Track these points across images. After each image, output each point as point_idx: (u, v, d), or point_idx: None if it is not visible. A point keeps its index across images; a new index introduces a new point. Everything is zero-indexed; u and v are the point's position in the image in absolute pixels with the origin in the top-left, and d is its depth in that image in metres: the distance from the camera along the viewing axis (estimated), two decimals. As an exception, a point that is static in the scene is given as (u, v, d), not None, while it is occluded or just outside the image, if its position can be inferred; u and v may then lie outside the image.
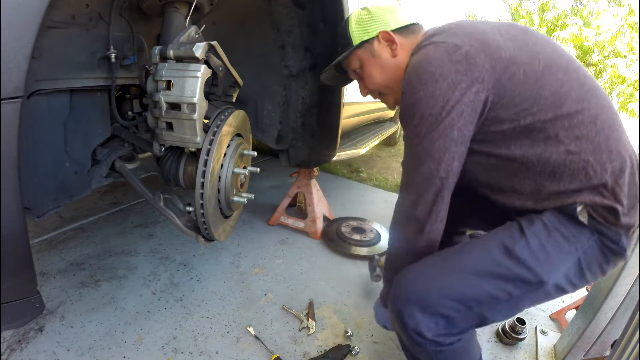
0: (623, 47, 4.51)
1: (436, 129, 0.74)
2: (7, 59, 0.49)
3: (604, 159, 0.70)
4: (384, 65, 0.94)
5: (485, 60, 0.73)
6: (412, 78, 0.77)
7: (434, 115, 0.74)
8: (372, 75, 0.97)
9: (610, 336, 1.11)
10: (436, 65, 0.73)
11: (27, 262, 0.64)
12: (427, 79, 0.73)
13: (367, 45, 0.95)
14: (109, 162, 1.03)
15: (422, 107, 0.75)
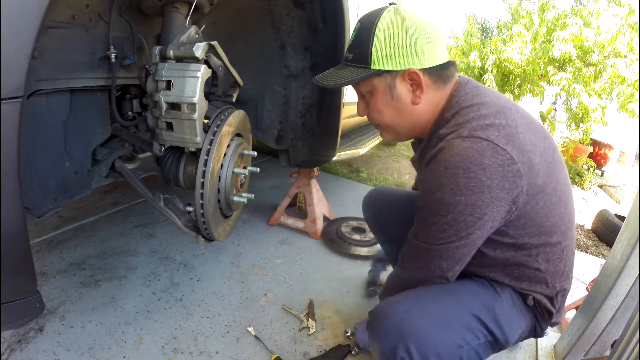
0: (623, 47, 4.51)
1: (465, 237, 0.73)
2: (7, 59, 0.49)
3: (558, 280, 0.86)
4: (398, 108, 0.82)
5: (525, 184, 0.72)
6: (459, 176, 0.69)
7: (468, 224, 0.72)
8: (381, 112, 0.85)
9: (610, 336, 1.11)
10: (488, 175, 0.68)
11: (27, 262, 0.64)
12: (475, 187, 0.68)
13: (387, 76, 0.79)
14: (109, 162, 1.03)
15: (458, 212, 0.71)
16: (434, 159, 0.75)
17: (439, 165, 0.72)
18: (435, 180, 0.72)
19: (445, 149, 0.72)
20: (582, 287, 1.81)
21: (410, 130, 0.87)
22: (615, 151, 6.04)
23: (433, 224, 0.75)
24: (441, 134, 0.77)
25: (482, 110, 0.75)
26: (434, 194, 0.73)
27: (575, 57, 4.74)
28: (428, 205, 0.76)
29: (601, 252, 2.54)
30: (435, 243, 0.76)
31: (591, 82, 4.69)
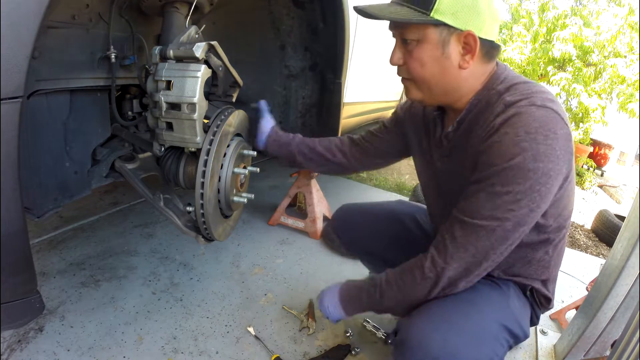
0: (623, 47, 4.51)
1: (535, 210, 0.70)
2: (7, 59, 0.49)
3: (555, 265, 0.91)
4: (444, 66, 0.76)
5: (571, 162, 0.73)
6: (540, 142, 0.67)
7: (541, 195, 0.69)
8: (424, 65, 0.77)
9: (610, 336, 1.11)
10: (559, 146, 0.67)
11: (27, 262, 0.64)
12: (550, 155, 0.67)
13: (444, 29, 0.73)
14: (109, 162, 1.03)
15: (535, 180, 0.67)
16: (506, 124, 0.70)
17: (518, 130, 0.68)
18: (515, 145, 0.67)
19: (522, 114, 0.69)
20: (582, 287, 1.81)
21: (444, 94, 0.81)
22: (615, 151, 6.04)
23: (506, 193, 0.68)
24: (508, 100, 0.73)
25: (540, 87, 0.75)
26: (512, 160, 0.67)
27: (575, 57, 4.74)
28: (502, 173, 0.69)
29: (601, 252, 2.54)
30: (506, 218, 0.69)
31: (591, 82, 4.70)
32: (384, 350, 1.24)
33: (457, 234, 0.74)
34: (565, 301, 1.66)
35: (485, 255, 0.73)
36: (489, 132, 0.73)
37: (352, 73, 1.63)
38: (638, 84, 4.21)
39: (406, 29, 0.76)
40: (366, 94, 2.10)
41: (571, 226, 2.98)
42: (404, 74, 0.83)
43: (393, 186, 3.05)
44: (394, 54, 0.81)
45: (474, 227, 0.72)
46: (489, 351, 0.74)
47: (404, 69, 0.81)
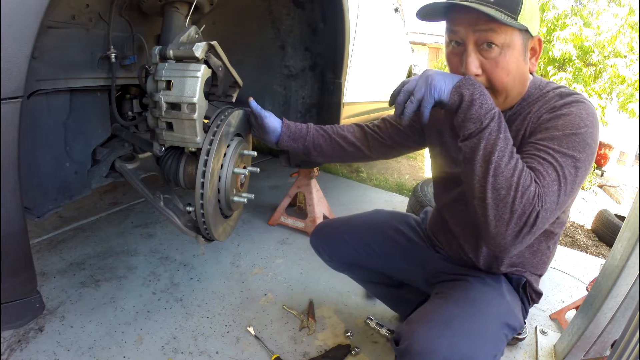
0: (623, 47, 4.51)
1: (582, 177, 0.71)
2: (7, 59, 0.49)
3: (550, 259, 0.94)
4: (523, 72, 0.77)
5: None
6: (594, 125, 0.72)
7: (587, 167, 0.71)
8: (509, 72, 0.74)
9: (610, 336, 1.11)
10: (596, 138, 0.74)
11: (27, 262, 0.63)
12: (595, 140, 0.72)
13: (525, 35, 0.73)
14: (109, 162, 1.03)
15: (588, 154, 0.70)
16: (570, 105, 0.74)
17: (582, 111, 0.72)
18: (581, 120, 0.71)
19: (581, 102, 0.74)
20: (582, 287, 1.81)
21: (513, 98, 0.80)
22: (615, 151, 6.04)
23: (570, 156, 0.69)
24: (563, 91, 0.78)
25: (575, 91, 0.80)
26: (579, 129, 0.70)
27: (575, 57, 4.74)
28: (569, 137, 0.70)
29: (601, 252, 2.54)
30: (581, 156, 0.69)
31: (591, 82, 4.70)
32: (384, 350, 1.24)
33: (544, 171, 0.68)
34: (565, 301, 1.66)
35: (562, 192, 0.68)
36: (552, 110, 0.75)
37: (352, 73, 1.63)
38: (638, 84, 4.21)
39: (496, 32, 0.71)
40: (366, 94, 2.10)
41: (571, 226, 2.98)
42: (489, 81, 0.76)
43: (393, 186, 3.05)
44: (470, 62, 0.73)
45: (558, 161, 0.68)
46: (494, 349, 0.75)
47: (483, 78, 0.76)
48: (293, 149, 1.10)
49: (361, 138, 1.09)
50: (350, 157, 1.13)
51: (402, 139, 1.08)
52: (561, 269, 1.98)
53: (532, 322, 1.45)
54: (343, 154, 1.11)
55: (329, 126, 1.11)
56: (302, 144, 1.09)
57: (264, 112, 1.07)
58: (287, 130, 1.08)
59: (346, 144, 1.09)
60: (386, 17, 2.30)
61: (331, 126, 1.12)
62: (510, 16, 0.69)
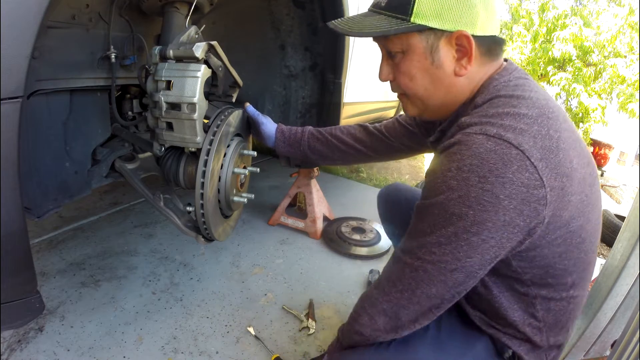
0: (623, 47, 4.51)
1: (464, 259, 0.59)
2: (7, 59, 0.49)
3: (554, 334, 0.70)
4: (437, 77, 0.67)
5: (549, 214, 0.57)
6: (472, 184, 0.55)
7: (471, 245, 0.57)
8: (413, 78, 0.69)
9: (610, 336, 1.11)
10: (507, 193, 0.54)
11: (27, 262, 0.63)
12: (488, 203, 0.54)
13: (430, 34, 0.64)
14: (109, 162, 1.03)
15: (461, 227, 0.57)
16: (446, 152, 0.60)
17: (451, 164, 0.57)
18: (443, 181, 0.58)
19: (462, 143, 0.58)
20: (582, 287, 1.81)
21: (441, 106, 0.71)
22: (615, 151, 6.04)
23: (428, 233, 0.60)
24: (463, 122, 0.62)
25: (521, 108, 0.59)
26: (437, 196, 0.59)
27: (575, 57, 4.74)
28: (427, 209, 0.61)
29: (601, 252, 2.53)
30: (427, 259, 0.61)
31: (591, 82, 4.70)
32: (384, 350, 1.24)
33: (389, 266, 0.69)
34: (565, 301, 1.66)
35: (412, 291, 0.63)
36: (434, 158, 0.66)
37: (352, 73, 1.63)
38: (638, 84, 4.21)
39: (388, 40, 0.68)
40: (366, 94, 2.10)
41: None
42: (397, 90, 0.74)
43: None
44: (381, 70, 0.73)
45: (399, 261, 0.66)
46: None
47: (395, 85, 0.73)
48: (290, 155, 1.09)
49: (362, 139, 1.05)
50: (351, 159, 1.10)
51: (411, 142, 1.01)
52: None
53: (532, 322, 1.46)
54: (343, 156, 1.07)
55: (327, 128, 1.08)
56: (298, 149, 1.07)
57: (261, 117, 1.06)
58: (281, 136, 1.06)
59: (345, 146, 1.05)
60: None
61: (330, 128, 1.08)
62: (401, 18, 0.63)
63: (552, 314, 0.68)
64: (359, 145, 1.05)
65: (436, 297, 0.63)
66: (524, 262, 0.63)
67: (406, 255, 0.65)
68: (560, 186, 0.57)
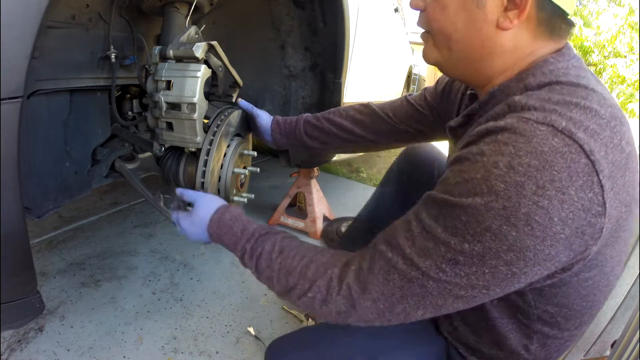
0: (623, 47, 4.52)
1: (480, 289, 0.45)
2: (7, 59, 0.49)
3: None
4: (475, 20, 0.52)
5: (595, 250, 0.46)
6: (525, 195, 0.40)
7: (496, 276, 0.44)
8: (444, 7, 0.54)
9: (610, 336, 1.11)
10: (563, 217, 0.40)
11: (27, 262, 0.63)
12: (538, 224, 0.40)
13: None
14: (109, 162, 1.03)
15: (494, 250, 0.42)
16: (490, 138, 0.45)
17: (499, 157, 0.42)
18: (484, 178, 0.42)
19: (518, 132, 0.42)
20: (582, 287, 1.81)
21: (467, 62, 0.57)
22: (615, 151, 6.05)
23: (443, 243, 0.45)
24: (516, 101, 0.47)
25: (592, 102, 0.44)
26: (471, 198, 0.43)
27: (575, 57, 4.74)
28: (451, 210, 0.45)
29: (601, 252, 2.53)
30: (431, 275, 0.46)
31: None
32: (384, 350, 1.24)
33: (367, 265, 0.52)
34: (565, 301, 1.67)
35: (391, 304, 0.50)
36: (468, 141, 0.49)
37: (352, 73, 1.63)
38: (638, 84, 4.21)
39: None
40: (366, 94, 2.10)
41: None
42: (423, 24, 0.60)
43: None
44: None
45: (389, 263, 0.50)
46: None
47: (423, 17, 0.59)
48: (290, 146, 1.05)
49: (363, 120, 0.95)
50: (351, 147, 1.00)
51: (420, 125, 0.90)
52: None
53: (532, 322, 1.46)
54: (343, 144, 0.98)
55: (326, 112, 0.99)
56: (295, 138, 0.99)
57: (256, 110, 1.01)
58: (277, 127, 1.02)
59: (343, 132, 0.95)
60: (386, 17, 2.30)
61: (329, 111, 0.99)
62: None
63: (546, 349, 0.60)
64: (359, 129, 0.95)
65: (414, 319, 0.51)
66: (542, 297, 0.53)
67: (399, 259, 0.49)
68: (618, 217, 0.45)
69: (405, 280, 0.48)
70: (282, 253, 0.60)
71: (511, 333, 0.59)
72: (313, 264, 0.57)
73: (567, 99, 0.44)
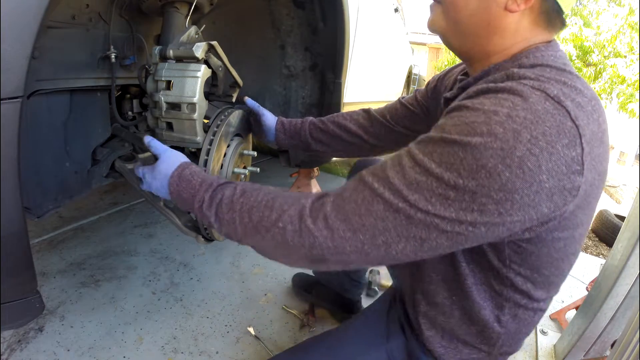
0: (623, 47, 4.52)
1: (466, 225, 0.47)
2: (7, 59, 0.49)
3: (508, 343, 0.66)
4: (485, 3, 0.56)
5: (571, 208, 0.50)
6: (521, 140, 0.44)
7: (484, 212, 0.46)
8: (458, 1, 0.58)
9: (610, 336, 1.11)
10: (549, 167, 0.45)
11: (27, 262, 0.63)
12: (528, 171, 0.44)
13: None
14: (109, 162, 1.03)
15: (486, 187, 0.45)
16: (489, 95, 0.50)
17: (500, 108, 0.46)
18: (484, 122, 0.46)
19: (516, 92, 0.48)
20: (582, 287, 1.81)
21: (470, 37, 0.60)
22: (615, 151, 6.04)
23: (436, 177, 0.47)
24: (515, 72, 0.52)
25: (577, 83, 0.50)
26: (470, 137, 0.46)
27: (575, 57, 4.74)
28: (448, 146, 0.47)
29: (601, 252, 2.54)
30: (420, 207, 0.47)
31: (591, 82, 4.70)
32: (384, 350, 1.24)
33: (348, 194, 0.52)
34: (565, 301, 1.66)
35: (372, 235, 0.49)
36: (467, 97, 0.53)
37: (352, 73, 1.63)
38: (638, 84, 4.21)
39: None
40: (366, 94, 2.10)
41: (571, 226, 2.96)
42: None
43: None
44: None
45: (372, 193, 0.50)
46: None
47: None
48: (292, 147, 1.07)
49: (365, 125, 0.99)
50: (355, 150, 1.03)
51: (413, 124, 0.94)
52: (561, 269, 1.98)
53: (532, 322, 1.46)
54: (346, 147, 1.01)
55: (330, 116, 1.03)
56: (299, 139, 1.03)
57: (262, 109, 1.04)
58: (281, 127, 1.04)
59: (347, 135, 0.99)
60: (386, 17, 2.30)
61: (333, 115, 1.03)
62: None
63: (517, 322, 0.64)
64: (362, 132, 0.99)
65: (394, 255, 0.50)
66: (518, 255, 0.56)
67: (385, 189, 0.49)
68: (592, 182, 0.49)
69: (391, 210, 0.48)
70: (244, 194, 0.60)
71: (485, 302, 0.62)
72: (280, 197, 0.57)
73: (557, 77, 0.50)
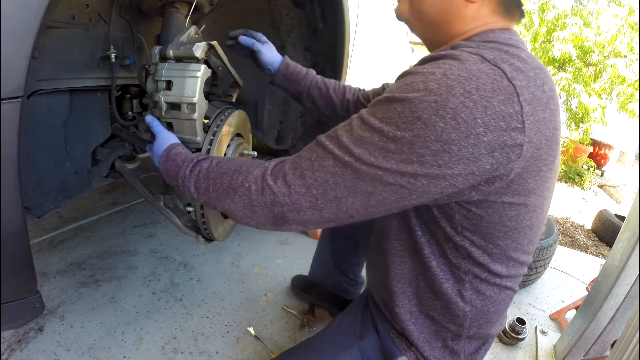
0: (623, 47, 4.51)
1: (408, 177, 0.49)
2: (7, 59, 0.49)
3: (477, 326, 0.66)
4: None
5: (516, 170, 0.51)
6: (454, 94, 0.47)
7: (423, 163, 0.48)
8: None
9: (610, 336, 1.11)
10: (486, 121, 0.47)
11: (27, 262, 0.64)
12: (463, 123, 0.47)
13: None
14: (109, 162, 1.03)
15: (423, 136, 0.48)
16: (430, 62, 0.54)
17: (436, 69, 0.50)
18: (422, 81, 0.49)
19: (454, 57, 0.51)
20: (582, 287, 1.81)
21: (432, 25, 0.65)
22: (615, 151, 6.04)
23: (377, 131, 0.50)
24: (459, 43, 0.57)
25: (521, 54, 0.54)
26: (407, 93, 0.49)
27: (575, 57, 4.74)
28: (389, 103, 0.51)
29: (601, 252, 2.54)
30: (364, 160, 0.50)
31: (591, 82, 4.70)
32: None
33: (305, 153, 0.57)
34: (565, 301, 1.66)
35: (322, 192, 0.53)
36: (414, 65, 0.57)
37: (352, 73, 1.63)
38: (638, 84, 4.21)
39: None
40: (366, 94, 2.10)
41: (571, 226, 2.97)
42: None
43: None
44: None
45: (324, 151, 0.54)
46: None
47: None
48: (285, 89, 1.07)
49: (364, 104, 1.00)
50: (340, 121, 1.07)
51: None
52: (561, 269, 1.98)
53: (532, 322, 1.45)
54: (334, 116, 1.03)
55: (332, 81, 1.05)
56: (295, 89, 1.04)
57: (257, 45, 1.00)
58: (284, 69, 1.03)
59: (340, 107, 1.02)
60: (386, 17, 2.30)
61: (336, 82, 1.05)
62: None
63: (481, 298, 0.64)
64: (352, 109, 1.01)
65: (345, 211, 0.53)
66: (468, 221, 0.57)
67: (335, 146, 0.53)
68: (538, 145, 0.51)
69: (340, 165, 0.52)
70: (219, 164, 0.65)
71: (446, 274, 0.63)
72: (248, 163, 0.62)
73: (501, 47, 0.54)
